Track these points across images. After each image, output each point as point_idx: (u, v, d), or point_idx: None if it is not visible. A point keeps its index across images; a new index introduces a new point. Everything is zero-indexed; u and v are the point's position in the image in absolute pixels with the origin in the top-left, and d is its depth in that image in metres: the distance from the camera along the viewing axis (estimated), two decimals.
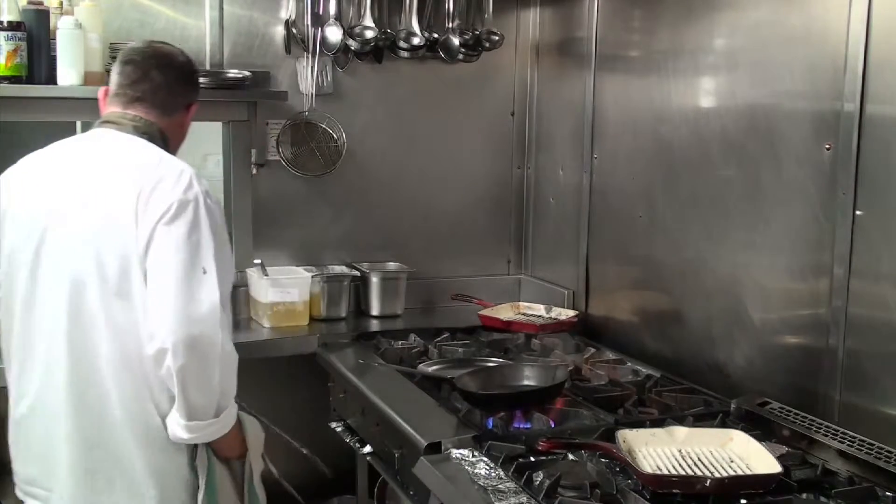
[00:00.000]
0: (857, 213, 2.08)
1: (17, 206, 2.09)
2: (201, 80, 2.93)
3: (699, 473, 1.85)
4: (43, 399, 2.03)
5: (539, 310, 3.22)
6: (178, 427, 1.97)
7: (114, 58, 2.88)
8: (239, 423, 2.10)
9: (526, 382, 2.38)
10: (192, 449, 2.04)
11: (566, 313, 3.15)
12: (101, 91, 2.22)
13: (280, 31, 3.20)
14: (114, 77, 2.17)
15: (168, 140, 2.15)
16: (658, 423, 2.13)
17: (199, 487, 2.03)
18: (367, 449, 2.52)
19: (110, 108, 2.14)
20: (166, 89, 2.15)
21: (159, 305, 1.92)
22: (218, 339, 1.92)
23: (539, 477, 1.83)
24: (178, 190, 1.98)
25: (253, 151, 3.19)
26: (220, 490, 2.08)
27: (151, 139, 2.10)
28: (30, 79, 2.75)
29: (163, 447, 2.01)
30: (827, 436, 2.02)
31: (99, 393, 1.98)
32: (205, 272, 1.94)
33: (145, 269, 1.95)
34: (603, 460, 1.93)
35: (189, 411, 1.95)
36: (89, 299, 1.97)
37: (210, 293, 1.93)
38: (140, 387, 1.98)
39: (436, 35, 3.32)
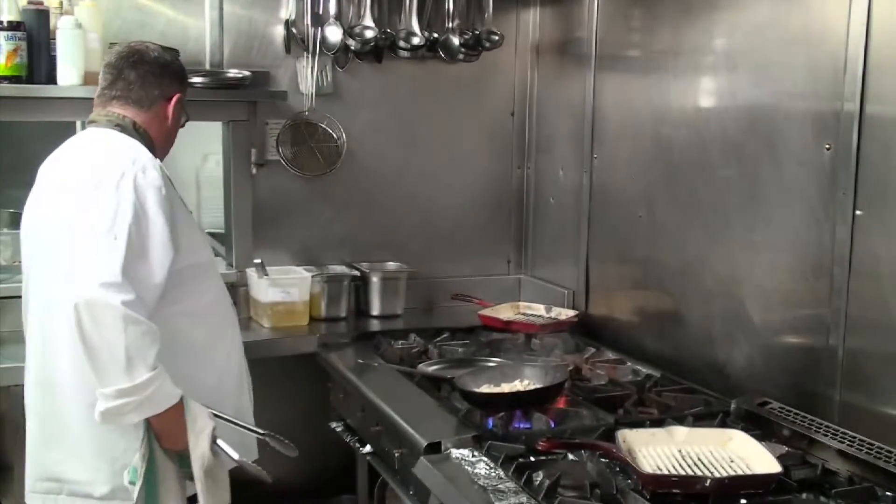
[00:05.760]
0: (857, 213, 2.08)
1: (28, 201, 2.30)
2: (200, 79, 2.96)
3: (699, 473, 1.85)
4: (26, 375, 2.28)
5: (539, 310, 3.22)
6: (99, 396, 1.96)
7: None
8: (181, 412, 2.04)
9: (526, 382, 2.38)
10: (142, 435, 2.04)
11: (566, 313, 3.15)
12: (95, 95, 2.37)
13: (280, 30, 3.20)
14: (99, 81, 2.32)
15: (147, 131, 2.26)
16: (658, 423, 2.13)
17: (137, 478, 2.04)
18: (367, 449, 2.52)
19: (95, 109, 2.30)
20: (139, 84, 2.27)
21: (75, 266, 2.01)
22: (113, 303, 1.93)
23: (539, 477, 1.83)
24: (110, 164, 2.10)
25: (253, 151, 3.19)
26: (162, 482, 2.06)
27: (124, 130, 2.23)
28: (30, 79, 2.75)
29: (110, 428, 2.07)
30: (827, 436, 2.02)
31: (55, 367, 2.15)
32: (115, 238, 2.00)
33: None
34: (603, 460, 1.93)
35: (97, 374, 1.97)
36: (52, 286, 2.14)
37: (112, 259, 1.98)
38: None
39: (436, 35, 3.32)
